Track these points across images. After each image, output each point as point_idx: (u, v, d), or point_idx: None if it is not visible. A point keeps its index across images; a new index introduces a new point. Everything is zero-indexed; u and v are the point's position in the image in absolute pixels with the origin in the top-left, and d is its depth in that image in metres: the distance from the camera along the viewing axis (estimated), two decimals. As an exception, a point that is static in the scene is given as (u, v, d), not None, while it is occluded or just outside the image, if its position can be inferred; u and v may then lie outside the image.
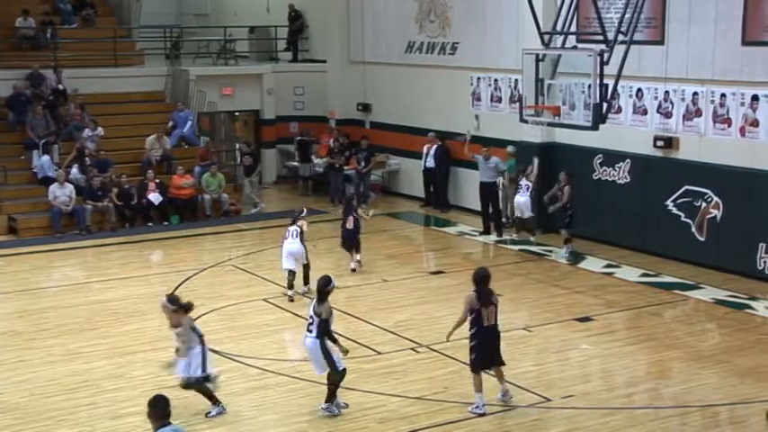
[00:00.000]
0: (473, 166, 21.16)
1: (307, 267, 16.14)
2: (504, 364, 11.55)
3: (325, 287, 11.44)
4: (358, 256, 17.50)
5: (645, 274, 17.27)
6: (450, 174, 22.77)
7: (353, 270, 17.29)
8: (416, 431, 10.90)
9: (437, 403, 11.59)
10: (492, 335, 11.29)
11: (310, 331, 11.26)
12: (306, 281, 16.07)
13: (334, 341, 11.36)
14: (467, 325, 11.34)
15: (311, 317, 11.30)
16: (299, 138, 25.54)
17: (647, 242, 18.41)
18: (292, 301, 15.71)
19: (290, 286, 15.88)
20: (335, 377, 11.29)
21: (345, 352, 11.49)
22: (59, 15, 26.42)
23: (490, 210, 20.40)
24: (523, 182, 19.18)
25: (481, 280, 11.23)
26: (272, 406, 11.76)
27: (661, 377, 12.78)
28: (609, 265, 17.90)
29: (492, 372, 11.53)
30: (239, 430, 11.04)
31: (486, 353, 11.27)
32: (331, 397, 11.32)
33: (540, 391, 11.96)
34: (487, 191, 20.38)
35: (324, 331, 11.20)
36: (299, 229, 16.00)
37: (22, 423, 11.12)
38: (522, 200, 19.12)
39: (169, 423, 7.90)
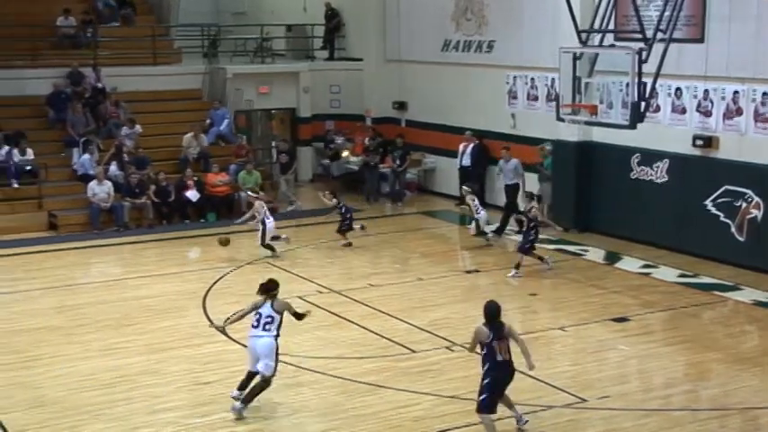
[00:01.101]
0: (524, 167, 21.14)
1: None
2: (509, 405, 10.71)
3: (276, 288, 11.47)
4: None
5: (683, 275, 17.09)
6: (486, 173, 22.64)
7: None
8: (450, 430, 10.86)
9: (472, 402, 11.48)
10: (507, 372, 10.32)
11: (267, 330, 11.15)
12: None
13: (300, 317, 11.73)
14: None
15: (270, 316, 11.19)
16: (327, 141, 25.80)
17: (686, 242, 18.23)
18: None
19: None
20: (271, 380, 11.19)
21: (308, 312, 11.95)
22: (99, 14, 26.66)
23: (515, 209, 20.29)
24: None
25: (492, 314, 10.37)
26: (307, 403, 11.77)
27: (699, 379, 12.63)
28: (646, 266, 17.75)
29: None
30: (274, 427, 11.06)
31: (499, 393, 10.34)
32: (253, 398, 11.15)
33: (576, 391, 11.87)
34: (510, 193, 20.25)
35: (279, 331, 11.21)
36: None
37: (60, 417, 11.22)
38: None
39: None
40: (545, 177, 20.70)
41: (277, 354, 11.24)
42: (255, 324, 11.29)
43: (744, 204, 17.18)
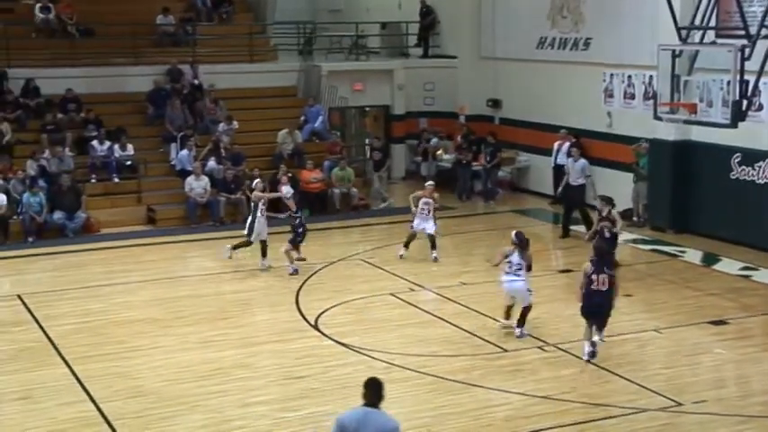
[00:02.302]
0: (608, 165, 20.79)
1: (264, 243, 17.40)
2: (602, 326, 12.92)
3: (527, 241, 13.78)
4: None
5: (785, 278, 16.64)
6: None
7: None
8: (541, 431, 10.78)
9: (563, 403, 11.43)
10: (599, 299, 12.69)
11: (518, 275, 13.53)
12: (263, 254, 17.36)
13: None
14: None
15: (519, 264, 13.55)
16: (421, 140, 25.71)
17: (788, 245, 17.73)
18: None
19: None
20: (531, 305, 13.75)
21: None
22: (198, 12, 27.16)
23: (573, 214, 19.84)
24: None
25: (599, 252, 12.98)
26: (398, 400, 11.76)
27: (801, 385, 12.29)
28: (745, 268, 17.31)
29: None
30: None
31: (586, 308, 12.82)
32: (524, 321, 13.70)
33: (672, 394, 11.65)
34: (575, 194, 19.77)
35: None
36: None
37: (158, 408, 11.47)
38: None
39: (375, 407, 7.57)
40: (641, 176, 20.34)
41: (529, 290, 13.69)
42: (508, 270, 13.67)
43: None
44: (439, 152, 25.37)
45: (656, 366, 12.76)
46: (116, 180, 22.01)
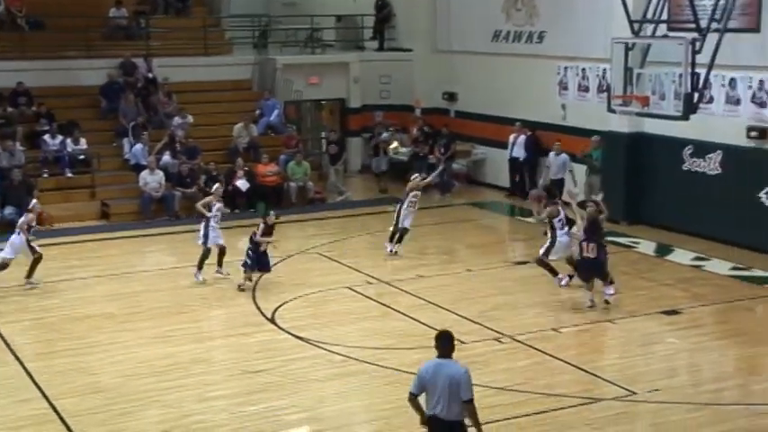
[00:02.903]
0: (573, 158, 21.05)
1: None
2: (603, 279, 14.49)
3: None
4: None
5: (735, 268, 16.90)
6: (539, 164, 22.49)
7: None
8: (497, 422, 10.87)
9: (519, 394, 11.54)
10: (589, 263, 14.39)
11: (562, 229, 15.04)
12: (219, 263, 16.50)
13: None
14: None
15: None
16: (371, 135, 25.42)
17: (738, 235, 18.00)
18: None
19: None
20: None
21: None
22: (152, 5, 26.94)
23: None
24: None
25: (591, 222, 14.34)
26: (356, 393, 11.86)
27: (751, 373, 12.51)
28: (698, 258, 17.58)
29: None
30: (323, 417, 11.15)
31: (581, 271, 14.67)
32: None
33: (625, 384, 11.81)
34: (553, 189, 19.61)
35: None
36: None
37: (115, 403, 11.40)
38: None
39: (446, 357, 8.54)
40: (594, 169, 20.55)
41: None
42: (560, 227, 15.05)
43: (798, 197, 16.96)
44: (395, 145, 25.39)
45: (611, 356, 12.93)
46: (69, 175, 21.79)
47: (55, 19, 24.65)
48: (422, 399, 8.48)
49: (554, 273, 15.62)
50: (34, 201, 17.15)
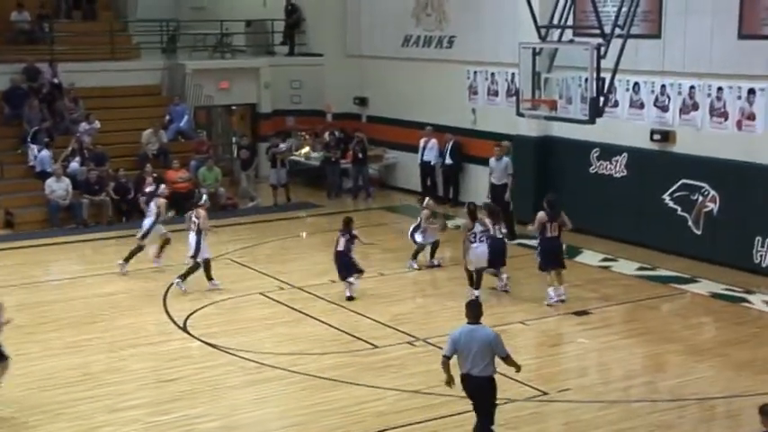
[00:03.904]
0: (473, 161, 21.17)
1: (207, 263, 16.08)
2: (564, 267, 15.11)
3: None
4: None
5: (642, 268, 17.30)
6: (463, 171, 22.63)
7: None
8: (412, 425, 10.93)
9: (434, 397, 11.60)
10: (555, 245, 15.07)
11: (482, 241, 15.09)
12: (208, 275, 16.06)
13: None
14: None
15: (483, 231, 15.11)
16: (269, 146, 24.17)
17: (644, 236, 18.43)
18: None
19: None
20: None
21: None
22: (55, 9, 26.39)
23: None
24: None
25: (551, 204, 15.23)
26: (270, 399, 11.79)
27: (658, 370, 12.81)
28: (606, 259, 17.93)
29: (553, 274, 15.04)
30: (238, 424, 11.06)
31: (547, 258, 15.07)
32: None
33: (538, 384, 11.98)
34: (498, 193, 19.54)
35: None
36: (196, 220, 16.04)
37: (20, 417, 11.13)
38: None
39: (477, 323, 9.82)
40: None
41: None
42: (473, 239, 15.05)
43: (700, 198, 17.42)
44: (306, 150, 25.33)
45: (523, 357, 12.98)
46: (-29, 183, 21.23)
47: (-46, 23, 24.00)
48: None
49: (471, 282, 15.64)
50: None
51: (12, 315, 14.65)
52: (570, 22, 16.97)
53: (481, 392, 9.81)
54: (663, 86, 18.05)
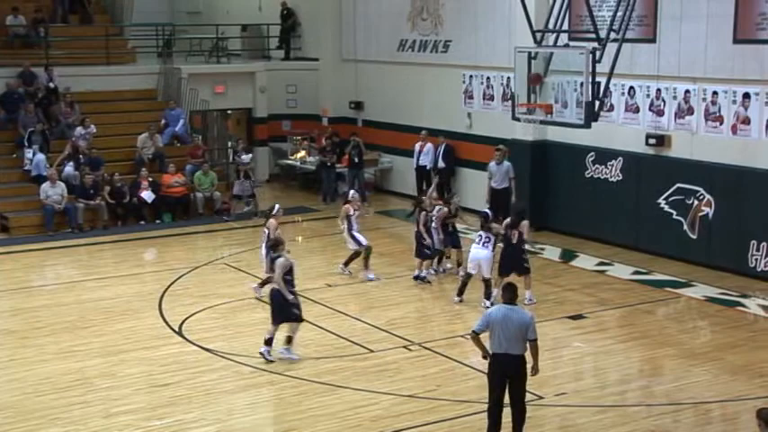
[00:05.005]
0: (469, 165, 21.14)
1: None
2: (527, 273, 15.21)
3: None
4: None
5: (637, 272, 17.31)
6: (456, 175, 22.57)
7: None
8: (408, 429, 10.92)
9: (430, 401, 11.61)
10: (513, 250, 15.16)
11: (486, 247, 15.00)
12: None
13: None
14: None
15: (488, 237, 15.03)
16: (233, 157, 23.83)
17: (640, 240, 18.46)
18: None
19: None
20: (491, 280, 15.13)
21: None
22: (51, 13, 26.35)
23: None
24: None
25: (516, 211, 15.60)
26: (265, 404, 11.78)
27: (653, 375, 12.82)
28: (601, 263, 17.94)
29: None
30: (232, 429, 11.04)
31: (506, 264, 15.22)
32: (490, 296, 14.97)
33: (533, 388, 11.93)
34: (500, 197, 19.53)
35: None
36: (266, 230, 15.65)
37: (14, 422, 11.10)
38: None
39: (513, 305, 10.16)
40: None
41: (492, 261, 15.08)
42: (477, 242, 15.11)
43: (695, 202, 17.44)
44: (302, 154, 25.34)
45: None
46: (-34, 187, 21.18)
47: (-51, 27, 23.96)
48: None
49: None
50: None
51: (6, 320, 14.77)
52: (566, 27, 17.00)
53: (518, 371, 10.13)
54: (658, 91, 18.07)
